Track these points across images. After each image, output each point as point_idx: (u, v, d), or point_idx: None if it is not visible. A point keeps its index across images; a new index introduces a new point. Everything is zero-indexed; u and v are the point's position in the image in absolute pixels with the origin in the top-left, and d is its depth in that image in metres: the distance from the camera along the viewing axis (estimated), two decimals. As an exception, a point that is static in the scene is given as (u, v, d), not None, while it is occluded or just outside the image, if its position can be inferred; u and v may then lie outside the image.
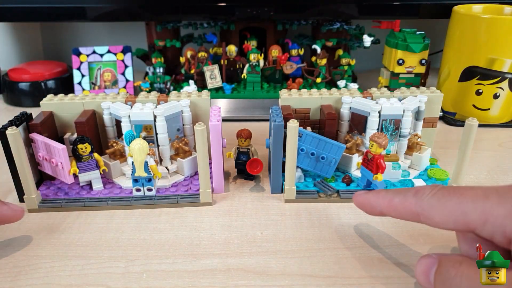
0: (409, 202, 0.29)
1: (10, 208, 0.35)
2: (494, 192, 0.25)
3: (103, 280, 0.33)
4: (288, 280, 0.32)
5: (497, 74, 0.57)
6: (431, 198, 0.27)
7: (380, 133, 0.40)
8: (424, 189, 0.28)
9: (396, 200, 0.30)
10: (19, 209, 0.35)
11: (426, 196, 0.28)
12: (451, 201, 0.26)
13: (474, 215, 0.25)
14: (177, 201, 0.42)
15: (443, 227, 0.27)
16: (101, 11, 0.67)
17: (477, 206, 0.25)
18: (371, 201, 0.32)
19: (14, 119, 0.40)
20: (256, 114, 0.64)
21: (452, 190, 0.27)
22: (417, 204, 0.28)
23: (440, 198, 0.27)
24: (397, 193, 0.30)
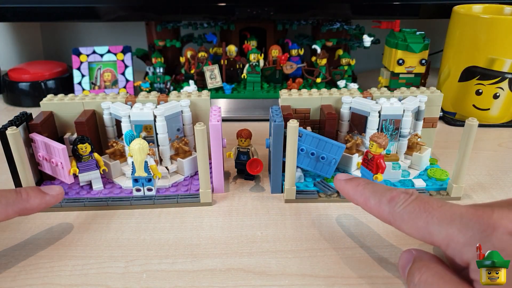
0: (382, 209, 0.30)
1: (53, 197, 0.35)
2: (458, 218, 0.26)
3: (103, 280, 0.33)
4: (288, 280, 0.32)
5: (497, 74, 0.57)
6: (402, 211, 0.29)
7: (380, 133, 0.40)
8: (399, 197, 0.29)
9: (371, 203, 0.31)
10: (59, 193, 0.35)
11: (399, 207, 0.29)
12: (420, 219, 0.28)
13: (438, 237, 0.27)
14: (177, 201, 0.42)
15: (413, 237, 0.29)
16: (101, 11, 0.67)
17: (441, 229, 0.27)
18: (349, 194, 0.34)
19: (14, 119, 0.40)
20: (256, 114, 0.64)
21: (423, 207, 0.28)
22: (390, 213, 0.30)
23: (411, 212, 0.28)
24: (373, 195, 0.31)
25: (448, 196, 0.43)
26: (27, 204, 0.33)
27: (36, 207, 0.34)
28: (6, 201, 0.32)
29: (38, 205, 0.34)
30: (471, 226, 0.26)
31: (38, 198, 0.34)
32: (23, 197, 0.33)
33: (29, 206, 0.33)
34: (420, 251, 0.30)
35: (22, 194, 0.33)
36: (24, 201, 0.33)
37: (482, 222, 0.25)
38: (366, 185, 0.33)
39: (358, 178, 0.34)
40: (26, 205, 0.33)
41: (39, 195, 0.34)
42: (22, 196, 0.33)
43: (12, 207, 0.32)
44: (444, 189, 0.43)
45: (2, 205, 0.32)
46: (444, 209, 0.27)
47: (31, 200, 0.33)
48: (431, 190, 0.43)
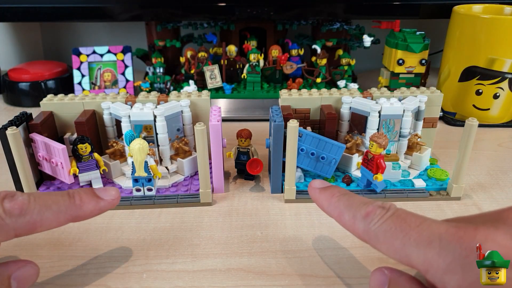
0: (357, 226, 0.27)
1: (108, 203, 0.31)
2: (437, 240, 0.23)
3: (103, 280, 0.33)
4: (288, 280, 0.32)
5: (497, 74, 0.57)
6: (378, 229, 0.26)
7: (380, 133, 0.40)
8: (374, 213, 0.27)
9: (345, 218, 0.28)
10: (115, 198, 0.31)
11: (374, 225, 0.26)
12: (396, 239, 0.25)
13: (416, 261, 0.24)
14: (177, 201, 0.42)
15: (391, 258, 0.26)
16: (101, 11, 0.67)
17: (419, 253, 0.24)
18: (323, 206, 0.31)
19: (14, 119, 0.40)
20: (256, 114, 0.64)
21: (399, 225, 0.25)
22: (365, 232, 0.27)
23: (386, 231, 0.26)
24: (347, 209, 0.28)
25: (448, 196, 0.43)
26: (80, 211, 0.30)
27: (89, 214, 0.30)
28: (58, 208, 0.29)
29: (91, 211, 0.30)
30: (451, 249, 0.23)
31: (92, 204, 0.30)
32: (76, 202, 0.29)
33: (82, 213, 0.30)
34: (394, 271, 0.27)
35: (76, 199, 0.30)
36: (77, 207, 0.29)
37: (464, 245, 0.22)
38: (341, 196, 0.30)
39: (333, 188, 0.31)
40: (79, 212, 0.29)
41: (93, 201, 0.30)
42: (76, 201, 0.30)
43: (64, 215, 0.29)
44: (444, 189, 0.43)
45: (53, 212, 0.28)
46: (421, 229, 0.24)
47: (85, 207, 0.30)
48: (431, 190, 0.43)
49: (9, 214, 0.27)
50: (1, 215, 0.26)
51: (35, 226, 0.28)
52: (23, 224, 0.27)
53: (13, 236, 0.27)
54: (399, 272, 0.27)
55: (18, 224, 0.27)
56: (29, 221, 0.27)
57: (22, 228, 0.27)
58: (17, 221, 0.27)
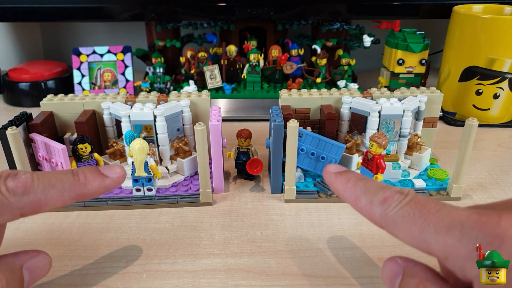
0: (374, 212, 0.26)
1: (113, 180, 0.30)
2: (459, 227, 0.22)
3: (103, 280, 0.33)
4: (288, 280, 0.32)
5: (497, 74, 0.57)
6: (396, 214, 0.25)
7: (380, 133, 0.40)
8: (392, 198, 0.26)
9: (362, 203, 0.27)
10: (121, 175, 0.30)
11: (392, 210, 0.25)
12: (415, 225, 0.24)
13: (435, 247, 0.23)
14: (177, 201, 0.42)
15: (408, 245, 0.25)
16: (101, 11, 0.67)
17: (439, 239, 0.23)
18: (338, 190, 0.30)
19: (14, 119, 0.40)
20: (256, 114, 0.64)
21: (418, 211, 0.24)
22: (381, 217, 0.26)
23: (404, 217, 0.25)
24: (364, 193, 0.27)
25: (448, 196, 0.43)
26: (85, 189, 0.29)
27: (95, 192, 0.29)
28: (62, 186, 0.28)
29: (97, 189, 0.29)
30: (473, 236, 0.22)
31: (97, 182, 0.29)
32: (80, 180, 0.28)
33: (86, 191, 0.29)
34: (407, 260, 0.26)
35: (80, 176, 0.29)
36: (82, 185, 0.28)
37: (487, 232, 0.21)
38: (357, 181, 0.28)
39: (349, 172, 0.30)
40: (83, 190, 0.28)
41: (98, 178, 0.29)
42: (80, 179, 0.28)
43: (69, 193, 0.28)
44: (444, 189, 0.43)
45: (57, 191, 0.27)
46: (441, 215, 0.24)
47: (89, 184, 0.29)
48: (431, 190, 0.43)
49: (13, 193, 0.26)
50: (5, 194, 0.26)
51: (39, 205, 0.27)
52: (28, 203, 0.26)
53: (18, 216, 0.27)
54: (413, 262, 0.26)
55: (22, 203, 0.26)
56: (33, 199, 0.27)
57: (27, 207, 0.26)
58: (21, 200, 0.26)
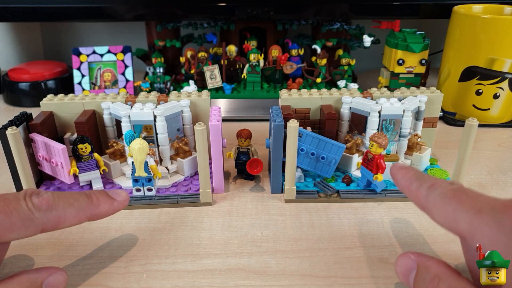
0: (420, 193, 0.29)
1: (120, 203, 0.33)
2: (487, 209, 0.25)
3: (103, 280, 0.33)
4: (288, 280, 0.32)
5: (497, 74, 0.57)
6: (437, 196, 0.27)
7: (380, 133, 0.40)
8: (440, 184, 0.28)
9: (412, 186, 0.30)
10: (126, 199, 0.33)
11: (436, 192, 0.28)
12: (450, 205, 0.26)
13: (464, 225, 0.25)
14: (177, 201, 0.42)
15: (440, 225, 0.28)
16: (101, 11, 0.67)
17: (467, 218, 0.25)
18: (397, 179, 0.32)
19: (14, 119, 0.40)
20: (256, 114, 0.64)
21: (458, 194, 0.27)
22: (425, 197, 0.28)
23: (444, 198, 0.27)
24: (417, 180, 0.30)
25: (448, 196, 0.43)
26: (97, 210, 0.31)
27: (104, 213, 0.32)
28: (79, 205, 0.30)
29: (107, 211, 0.32)
30: (499, 219, 0.24)
31: (107, 204, 0.32)
32: (93, 202, 0.31)
33: (98, 212, 0.31)
34: (421, 255, 0.28)
35: (93, 199, 0.31)
36: (95, 206, 0.31)
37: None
38: (415, 172, 0.31)
39: (412, 168, 0.33)
40: (95, 211, 0.31)
41: (108, 201, 0.32)
42: (93, 201, 0.31)
43: (84, 213, 0.31)
44: (444, 189, 0.43)
45: (75, 210, 0.30)
46: (477, 199, 0.26)
47: (101, 206, 0.32)
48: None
49: (38, 209, 0.28)
50: (32, 209, 0.28)
51: (59, 222, 0.29)
52: (50, 219, 0.28)
53: (39, 231, 0.28)
54: (426, 256, 0.28)
55: (46, 219, 0.28)
56: (55, 216, 0.29)
57: (48, 223, 0.29)
58: (45, 216, 0.28)
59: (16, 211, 0.27)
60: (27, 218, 0.27)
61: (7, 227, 0.27)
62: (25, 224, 0.27)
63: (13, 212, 0.27)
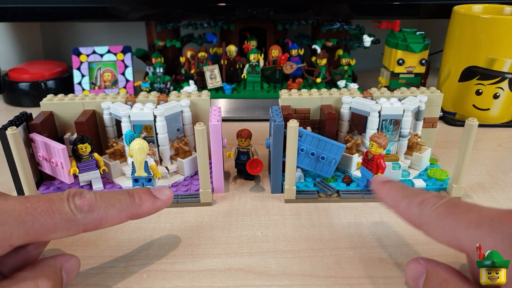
0: (411, 212, 0.29)
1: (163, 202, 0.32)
2: (487, 221, 0.25)
3: (103, 280, 0.33)
4: (288, 280, 0.32)
5: (497, 74, 0.57)
6: (431, 214, 0.27)
7: (380, 133, 0.40)
8: (429, 200, 0.28)
9: (401, 206, 0.30)
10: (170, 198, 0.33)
11: (428, 210, 0.28)
12: (447, 222, 0.26)
13: (465, 242, 0.25)
14: (177, 201, 0.42)
15: (439, 242, 0.28)
16: (101, 11, 0.67)
17: (468, 234, 0.25)
18: (381, 196, 0.32)
19: (14, 119, 0.40)
20: (256, 114, 0.64)
21: (452, 210, 0.27)
22: (418, 217, 0.28)
23: (439, 215, 0.27)
24: (404, 197, 0.30)
25: (449, 196, 0.43)
26: (140, 209, 0.31)
27: (147, 213, 0.32)
28: (121, 206, 0.30)
29: (149, 210, 0.32)
30: (500, 230, 0.24)
31: (150, 203, 0.32)
32: (136, 201, 0.31)
33: (141, 211, 0.31)
34: (430, 261, 0.29)
35: (135, 198, 0.31)
36: (137, 206, 0.31)
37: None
38: (400, 188, 0.31)
39: (394, 181, 0.32)
40: (138, 211, 0.31)
41: (150, 200, 0.32)
42: (136, 200, 0.31)
43: (126, 212, 0.30)
44: (444, 189, 0.43)
45: (116, 210, 0.30)
46: (472, 212, 0.26)
47: (144, 205, 0.31)
48: (431, 190, 0.43)
49: (80, 210, 0.28)
50: (73, 211, 0.28)
51: (100, 222, 0.29)
52: (91, 220, 0.28)
53: (81, 231, 0.28)
54: (435, 262, 0.28)
55: (87, 220, 0.28)
56: (96, 217, 0.29)
57: (90, 224, 0.29)
58: (86, 217, 0.28)
59: (59, 212, 0.27)
60: (69, 219, 0.27)
61: (50, 228, 0.27)
62: (67, 225, 0.27)
63: (56, 213, 0.27)
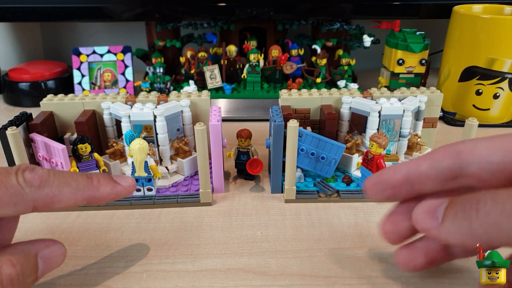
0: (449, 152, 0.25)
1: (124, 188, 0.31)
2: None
3: (103, 280, 0.33)
4: (288, 280, 0.32)
5: (497, 74, 0.57)
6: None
7: (380, 133, 0.40)
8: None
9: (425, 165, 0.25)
10: (131, 185, 0.31)
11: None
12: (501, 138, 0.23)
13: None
14: (177, 201, 0.42)
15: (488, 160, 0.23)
16: (101, 11, 0.67)
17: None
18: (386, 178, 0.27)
19: (14, 119, 0.40)
20: (256, 114, 0.64)
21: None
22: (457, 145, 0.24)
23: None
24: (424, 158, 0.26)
25: (448, 196, 0.43)
26: (97, 192, 0.29)
27: (106, 197, 0.30)
28: (77, 185, 0.28)
29: (108, 194, 0.30)
30: None
31: (109, 187, 0.30)
32: (94, 183, 0.30)
33: (99, 194, 0.30)
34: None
35: (94, 180, 0.30)
36: (95, 188, 0.29)
37: None
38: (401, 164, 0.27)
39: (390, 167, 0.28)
40: (96, 193, 0.29)
41: (110, 184, 0.30)
42: (93, 182, 0.29)
43: (82, 193, 0.29)
44: (444, 189, 0.43)
45: (71, 189, 0.28)
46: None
47: (102, 188, 0.30)
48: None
49: (29, 184, 0.26)
50: (22, 184, 0.26)
51: (53, 200, 0.27)
52: (42, 196, 0.27)
53: (31, 209, 0.27)
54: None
55: (37, 195, 0.27)
56: (47, 193, 0.27)
57: (40, 200, 0.27)
58: (36, 192, 0.26)
59: (5, 185, 0.25)
60: (16, 193, 0.26)
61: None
62: (13, 200, 0.26)
63: (1, 186, 0.25)
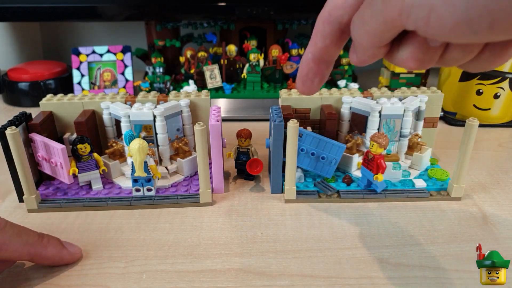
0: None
1: (69, 253, 0.34)
2: None
3: (103, 280, 0.32)
4: (288, 281, 0.32)
5: (497, 74, 0.56)
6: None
7: (380, 133, 0.40)
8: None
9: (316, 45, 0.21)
10: (77, 253, 0.34)
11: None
12: None
13: None
14: (177, 201, 0.42)
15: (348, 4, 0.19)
16: (101, 11, 0.67)
17: None
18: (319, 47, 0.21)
19: (13, 119, 0.40)
20: (256, 114, 0.64)
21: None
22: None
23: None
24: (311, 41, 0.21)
25: (449, 196, 0.42)
26: (43, 251, 0.32)
27: (50, 257, 0.33)
28: (27, 239, 0.31)
29: (53, 255, 0.33)
30: None
31: (56, 249, 0.33)
32: (43, 242, 0.32)
33: (44, 253, 0.32)
34: None
35: (44, 239, 0.32)
36: (43, 246, 0.32)
37: None
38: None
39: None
40: (42, 251, 0.32)
41: (57, 246, 0.33)
42: (43, 241, 0.32)
43: (29, 248, 0.31)
44: (445, 189, 0.43)
45: (21, 242, 0.31)
46: None
47: (49, 249, 0.32)
48: (432, 190, 0.43)
49: None
50: None
51: (0, 248, 0.30)
52: None
53: None
54: None
55: None
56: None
57: None
58: None
59: None
60: None
61: None
62: None
63: None
